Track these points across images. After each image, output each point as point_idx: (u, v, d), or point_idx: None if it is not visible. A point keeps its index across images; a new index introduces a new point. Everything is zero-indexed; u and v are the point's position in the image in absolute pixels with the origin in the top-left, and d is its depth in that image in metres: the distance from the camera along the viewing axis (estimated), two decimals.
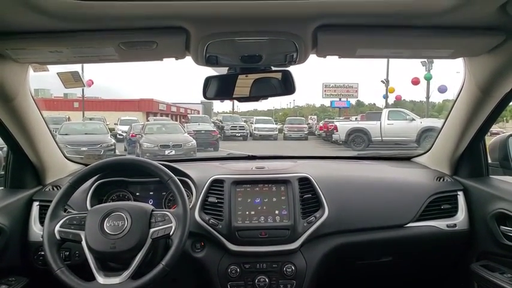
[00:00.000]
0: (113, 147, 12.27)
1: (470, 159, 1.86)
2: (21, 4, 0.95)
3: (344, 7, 1.05)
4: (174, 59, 1.36)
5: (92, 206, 1.66)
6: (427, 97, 21.88)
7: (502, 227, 1.61)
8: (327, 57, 1.37)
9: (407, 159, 2.30)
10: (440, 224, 1.79)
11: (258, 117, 26.25)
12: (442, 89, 20.59)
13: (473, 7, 1.02)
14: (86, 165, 2.03)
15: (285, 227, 1.68)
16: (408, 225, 1.77)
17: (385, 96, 24.04)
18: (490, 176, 1.87)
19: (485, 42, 1.25)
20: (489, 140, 1.90)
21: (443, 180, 1.90)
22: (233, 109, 33.76)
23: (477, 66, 1.47)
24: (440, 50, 1.34)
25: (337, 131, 16.85)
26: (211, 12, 1.05)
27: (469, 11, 1.04)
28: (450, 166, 1.93)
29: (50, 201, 1.43)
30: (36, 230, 1.69)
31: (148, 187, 1.82)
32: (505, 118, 25.82)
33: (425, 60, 18.22)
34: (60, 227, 1.36)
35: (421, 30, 1.17)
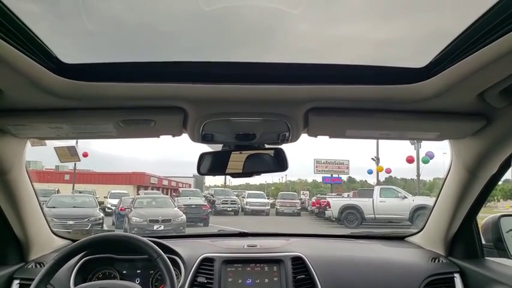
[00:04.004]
0: (101, 221, 11.94)
1: (464, 240, 1.84)
2: (26, 84, 1.00)
3: (333, 92, 1.12)
4: (170, 136, 1.40)
5: (75, 285, 1.57)
6: (418, 175, 22.16)
7: None
8: (318, 136, 1.43)
9: (401, 238, 2.27)
10: None
11: (250, 192, 26.01)
12: (429, 155, 20.94)
13: (453, 95, 1.09)
14: (73, 240, 1.96)
15: None
16: None
17: (371, 172, 24.35)
18: (486, 258, 1.84)
19: (468, 127, 1.32)
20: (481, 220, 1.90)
21: (438, 261, 1.86)
22: (225, 183, 33.58)
23: (463, 149, 1.53)
24: (426, 132, 1.41)
25: (329, 207, 16.69)
26: (209, 94, 1.11)
27: (450, 98, 1.11)
28: (444, 246, 1.90)
29: (32, 280, 1.35)
30: None
31: (136, 265, 1.75)
32: (496, 197, 25.96)
33: None
34: None
35: (407, 115, 1.24)
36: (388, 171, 25.65)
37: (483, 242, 1.88)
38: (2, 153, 1.37)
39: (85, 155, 22.40)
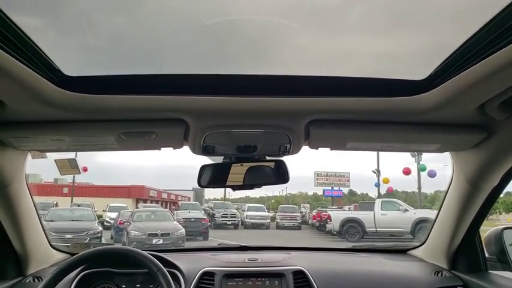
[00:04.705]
0: (99, 234, 11.84)
1: (467, 253, 1.83)
2: (29, 96, 1.01)
3: (333, 104, 1.13)
4: (171, 148, 1.40)
5: None
6: (419, 188, 22.06)
7: None
8: (319, 148, 1.43)
9: (403, 251, 2.25)
10: None
11: (250, 205, 25.78)
12: (432, 174, 20.94)
13: (453, 107, 1.10)
14: (72, 254, 1.95)
15: None
16: None
17: (377, 185, 24.22)
18: (490, 272, 1.82)
19: (469, 139, 1.32)
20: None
21: (441, 274, 1.83)
22: (225, 196, 33.38)
23: (464, 160, 1.53)
24: (427, 144, 1.41)
25: (330, 220, 16.57)
26: (210, 106, 1.11)
27: (450, 110, 1.12)
28: (447, 260, 1.88)
29: None
30: None
31: (135, 279, 1.72)
32: (498, 210, 25.83)
33: None
34: None
35: (407, 127, 1.24)
36: (390, 190, 25.62)
37: (486, 255, 1.86)
38: (3, 166, 1.37)
39: (85, 169, 22.38)
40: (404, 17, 1.08)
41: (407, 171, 21.40)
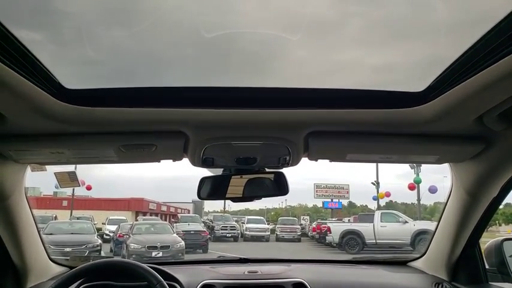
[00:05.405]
0: (99, 247, 11.76)
1: (467, 265, 1.81)
2: (30, 109, 1.01)
3: (333, 116, 1.13)
4: (171, 160, 1.40)
5: None
6: (418, 199, 21.98)
7: None
8: (318, 160, 1.43)
9: (403, 263, 2.23)
10: None
11: (249, 217, 25.64)
12: (433, 190, 20.90)
13: (451, 118, 1.11)
14: (71, 267, 1.93)
15: None
16: None
17: (376, 198, 24.14)
18: (490, 283, 1.80)
19: (467, 150, 1.32)
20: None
21: (442, 286, 1.82)
22: (224, 208, 33.21)
23: (463, 172, 1.53)
24: (426, 156, 1.41)
25: (330, 232, 16.48)
26: (210, 118, 1.12)
27: (449, 121, 1.13)
28: (447, 271, 1.86)
29: None
30: None
31: None
32: (497, 221, 25.72)
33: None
34: None
35: (406, 138, 1.25)
36: (388, 194, 25.55)
37: (486, 266, 1.85)
38: (3, 178, 1.37)
39: (89, 188, 22.50)
40: (402, 30, 1.09)
41: (412, 187, 21.31)
